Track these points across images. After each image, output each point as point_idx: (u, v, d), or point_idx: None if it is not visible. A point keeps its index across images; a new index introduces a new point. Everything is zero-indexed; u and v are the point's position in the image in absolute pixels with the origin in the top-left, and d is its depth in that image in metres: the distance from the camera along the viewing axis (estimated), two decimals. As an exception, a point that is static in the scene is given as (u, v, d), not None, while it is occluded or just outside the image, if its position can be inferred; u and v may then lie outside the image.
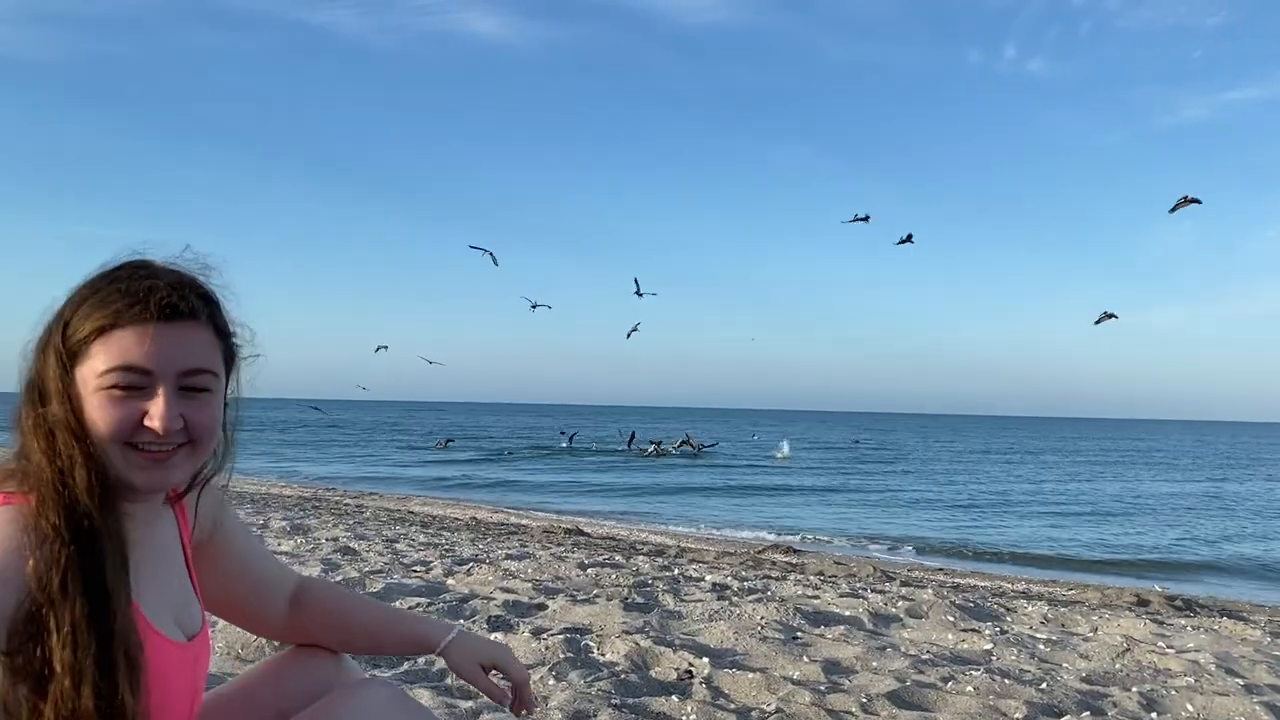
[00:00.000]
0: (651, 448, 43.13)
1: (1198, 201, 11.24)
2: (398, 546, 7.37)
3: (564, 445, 47.85)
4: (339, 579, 5.23)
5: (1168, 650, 4.36)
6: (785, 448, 45.25)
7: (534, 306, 13.96)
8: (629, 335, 16.88)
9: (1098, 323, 13.53)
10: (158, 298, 1.21)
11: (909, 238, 14.04)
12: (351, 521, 10.83)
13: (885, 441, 69.63)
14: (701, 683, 3.42)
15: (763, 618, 4.64)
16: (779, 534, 17.46)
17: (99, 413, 1.19)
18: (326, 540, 7.46)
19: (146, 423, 1.20)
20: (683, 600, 5.10)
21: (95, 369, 1.20)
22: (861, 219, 13.46)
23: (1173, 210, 11.29)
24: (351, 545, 7.13)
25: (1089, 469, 44.01)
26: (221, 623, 4.07)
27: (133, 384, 1.20)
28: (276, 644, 3.22)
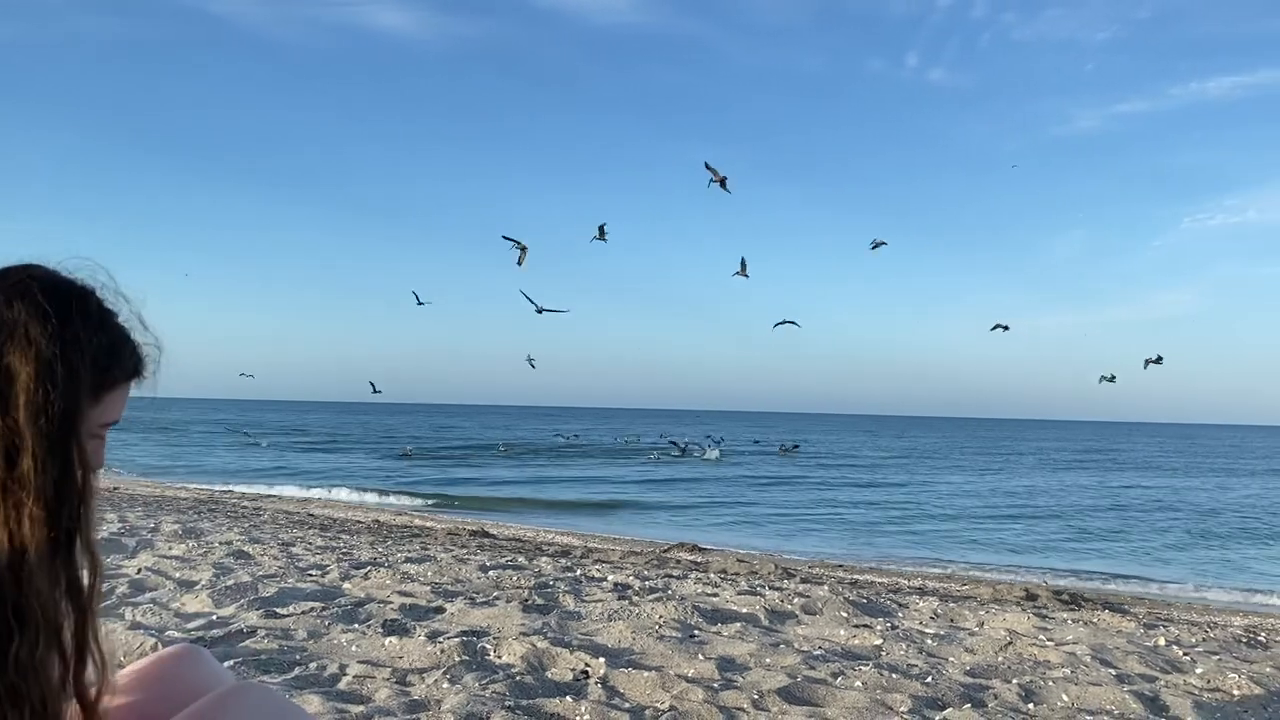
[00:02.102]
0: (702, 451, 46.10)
1: (723, 182, 11.56)
2: (294, 550, 7.21)
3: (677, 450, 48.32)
4: (230, 583, 5.10)
5: (1048, 643, 4.53)
6: (714, 451, 46.07)
7: (540, 311, 13.24)
8: (776, 327, 16.06)
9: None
10: (146, 361, 1.29)
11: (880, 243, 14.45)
12: (247, 524, 10.55)
13: (799, 443, 70.50)
14: (597, 683, 3.44)
15: (661, 616, 4.68)
16: (687, 532, 17.65)
17: (91, 457, 1.23)
18: (220, 544, 7.25)
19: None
20: (583, 601, 5.10)
21: (103, 418, 1.24)
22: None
23: (712, 183, 11.58)
24: (245, 549, 6.95)
25: (986, 467, 45.47)
26: (103, 630, 3.94)
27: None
28: (154, 647, 3.08)
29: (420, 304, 16.39)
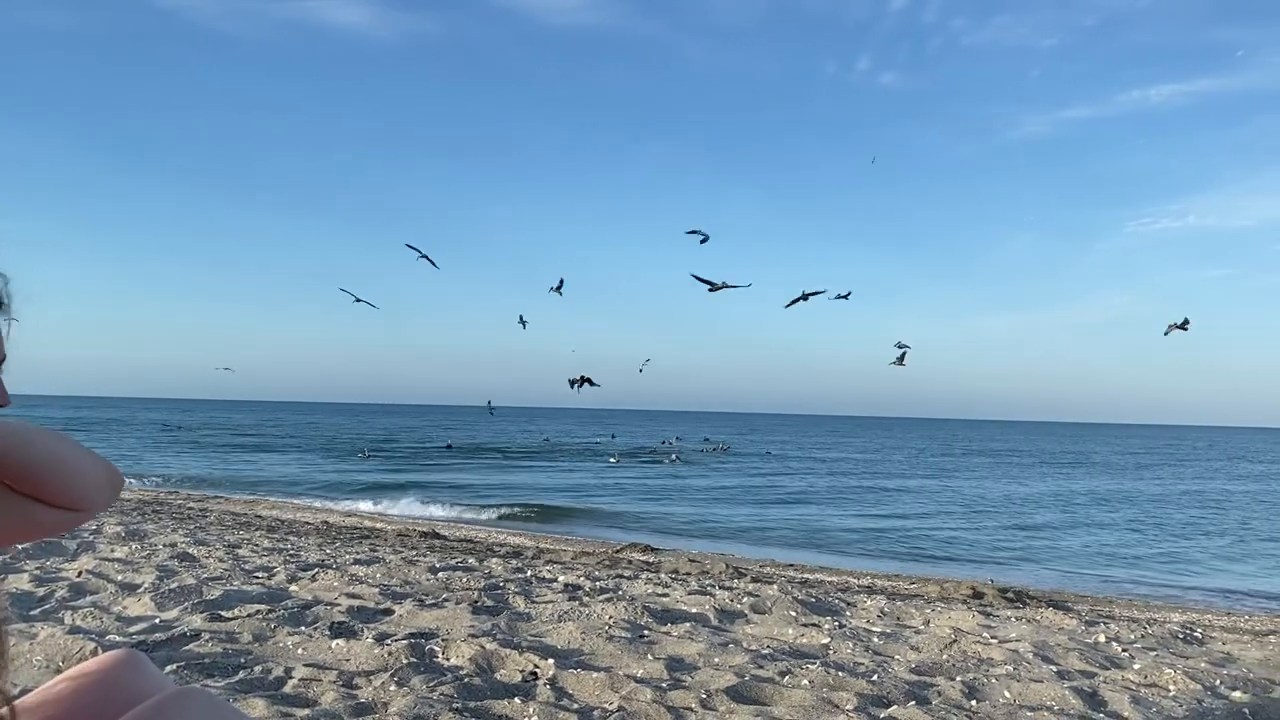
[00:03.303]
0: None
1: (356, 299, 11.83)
2: (240, 552, 7.11)
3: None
4: (174, 586, 5.02)
5: (991, 640, 4.61)
6: (675, 451, 46.61)
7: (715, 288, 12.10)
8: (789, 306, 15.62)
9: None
10: (2, 294, 1.28)
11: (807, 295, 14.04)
12: (193, 526, 10.38)
13: (752, 442, 70.90)
14: (546, 684, 3.44)
15: (611, 617, 4.69)
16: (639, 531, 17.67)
17: None
18: (164, 546, 7.13)
19: None
20: (533, 602, 5.09)
21: None
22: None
23: (358, 301, 11.75)
24: (190, 551, 6.84)
25: (940, 468, 46.03)
26: (42, 634, 3.86)
27: None
28: (93, 651, 3.01)
29: (523, 326, 15.98)
